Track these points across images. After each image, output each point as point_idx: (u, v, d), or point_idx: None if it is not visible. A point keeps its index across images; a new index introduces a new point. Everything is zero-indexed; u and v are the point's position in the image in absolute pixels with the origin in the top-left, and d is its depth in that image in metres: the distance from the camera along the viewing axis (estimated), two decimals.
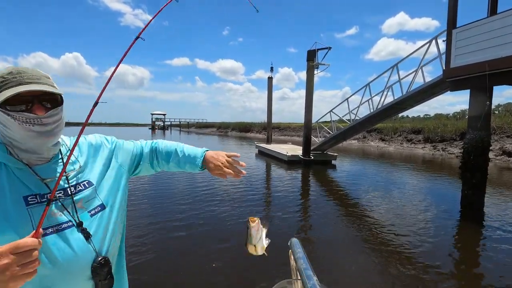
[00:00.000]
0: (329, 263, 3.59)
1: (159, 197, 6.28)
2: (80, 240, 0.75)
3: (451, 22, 5.85)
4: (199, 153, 1.04)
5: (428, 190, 7.72)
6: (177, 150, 1.06)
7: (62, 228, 0.73)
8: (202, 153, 1.04)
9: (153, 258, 3.45)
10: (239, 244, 3.96)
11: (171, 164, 1.07)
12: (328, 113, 12.67)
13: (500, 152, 13.85)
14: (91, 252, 0.77)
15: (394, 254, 3.77)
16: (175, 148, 1.07)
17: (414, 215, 5.44)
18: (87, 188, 0.82)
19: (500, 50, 4.94)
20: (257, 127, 40.43)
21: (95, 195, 0.83)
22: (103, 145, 0.93)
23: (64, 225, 0.73)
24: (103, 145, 0.93)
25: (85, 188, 0.81)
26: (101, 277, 0.77)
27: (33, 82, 0.70)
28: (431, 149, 17.46)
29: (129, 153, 1.00)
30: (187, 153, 1.05)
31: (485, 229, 4.76)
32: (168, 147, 1.08)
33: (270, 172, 10.60)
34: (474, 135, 5.47)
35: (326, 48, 11.53)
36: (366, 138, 23.49)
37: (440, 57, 7.13)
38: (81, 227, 0.76)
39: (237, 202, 6.02)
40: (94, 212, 0.81)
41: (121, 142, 1.00)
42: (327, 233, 4.61)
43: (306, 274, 1.02)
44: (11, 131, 0.69)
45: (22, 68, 0.71)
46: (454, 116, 28.44)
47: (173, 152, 1.06)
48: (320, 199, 6.79)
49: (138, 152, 1.04)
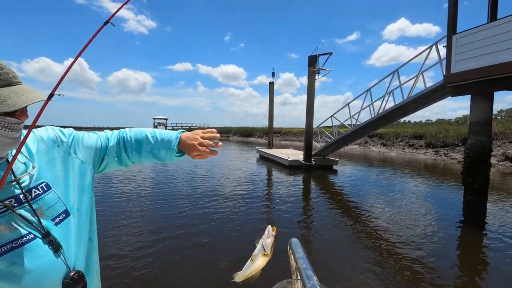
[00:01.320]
0: (329, 263, 3.57)
1: (156, 201, 6.28)
2: (47, 254, 0.65)
3: (451, 28, 5.90)
4: (173, 136, 0.89)
5: (430, 195, 7.68)
6: (148, 136, 0.90)
7: (22, 243, 0.61)
8: (178, 135, 0.89)
9: (150, 265, 3.45)
10: (239, 245, 3.96)
11: (143, 153, 0.90)
12: (329, 118, 12.70)
13: (503, 157, 13.77)
14: (62, 266, 0.67)
15: (394, 257, 3.74)
16: (145, 134, 0.90)
17: (415, 220, 5.40)
18: (45, 192, 0.69)
19: (501, 56, 4.97)
20: (259, 132, 40.49)
21: (57, 199, 0.71)
22: (58, 140, 0.78)
23: (24, 238, 0.62)
24: (58, 139, 0.79)
25: (43, 192, 0.69)
26: None
27: (18, 83, 0.63)
28: (433, 155, 17.39)
29: (92, 147, 0.85)
30: (160, 138, 0.89)
31: (487, 234, 4.72)
32: (137, 134, 0.91)
33: (271, 177, 10.58)
34: (475, 140, 5.46)
35: (327, 54, 11.61)
36: (367, 143, 23.44)
37: (441, 63, 7.17)
38: (48, 238, 0.65)
39: (238, 207, 6.02)
40: (59, 220, 0.70)
41: (81, 134, 0.86)
42: (328, 234, 4.59)
43: (306, 274, 1.02)
44: None
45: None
46: (456, 122, 28.37)
47: (144, 139, 0.90)
48: (321, 203, 6.76)
49: (103, 145, 0.88)
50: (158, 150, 0.89)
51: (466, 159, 5.63)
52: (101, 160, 0.88)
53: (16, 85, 0.62)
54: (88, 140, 0.85)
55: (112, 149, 0.89)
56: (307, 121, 12.12)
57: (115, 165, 0.92)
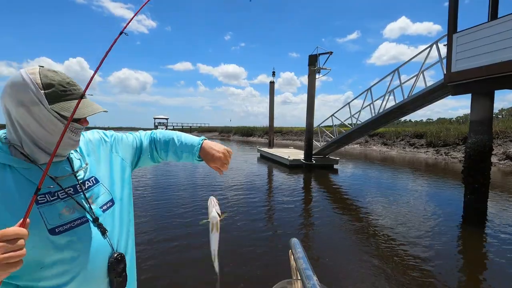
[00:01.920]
0: (329, 263, 3.58)
1: (157, 201, 6.29)
2: (97, 236, 0.76)
3: (451, 27, 5.89)
4: (196, 141, 1.02)
5: (430, 194, 7.67)
6: (174, 139, 1.04)
7: (76, 225, 0.73)
8: (200, 142, 1.02)
9: (154, 265, 3.46)
10: (239, 246, 3.97)
11: (169, 153, 1.05)
12: (329, 117, 12.69)
13: (504, 156, 13.75)
14: (108, 247, 0.78)
15: (394, 257, 3.75)
16: (172, 137, 1.05)
17: (416, 219, 5.40)
18: (95, 184, 0.82)
19: (501, 55, 4.96)
20: (259, 132, 40.48)
21: (104, 190, 0.84)
22: (102, 141, 0.93)
23: (78, 221, 0.74)
24: (102, 140, 0.93)
25: (93, 184, 0.82)
26: (117, 274, 0.77)
27: (84, 96, 0.74)
28: (433, 154, 17.36)
29: (129, 146, 1.00)
30: (184, 142, 1.03)
31: (488, 233, 4.72)
32: (166, 136, 1.06)
33: (272, 176, 10.59)
34: (476, 139, 5.45)
35: (327, 53, 11.59)
36: (368, 142, 23.42)
37: (441, 62, 7.16)
38: (97, 222, 0.77)
39: (238, 206, 6.02)
40: (106, 207, 0.82)
41: (120, 135, 1.00)
42: (328, 234, 4.60)
43: (306, 274, 1.02)
44: (50, 136, 0.71)
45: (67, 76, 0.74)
46: (457, 121, 28.27)
47: (170, 141, 1.05)
48: (321, 203, 6.77)
49: (138, 144, 1.03)
50: (181, 152, 1.03)
51: (467, 158, 5.62)
52: (137, 158, 1.03)
53: (84, 98, 0.73)
54: (126, 141, 1.00)
55: (146, 148, 1.04)
56: (308, 120, 12.11)
57: (148, 161, 1.07)
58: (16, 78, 0.69)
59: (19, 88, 0.68)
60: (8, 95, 0.69)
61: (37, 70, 0.70)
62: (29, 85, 0.68)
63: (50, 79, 0.70)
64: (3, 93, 0.70)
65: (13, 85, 0.68)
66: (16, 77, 0.69)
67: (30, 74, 0.69)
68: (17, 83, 0.68)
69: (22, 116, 0.69)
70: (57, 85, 0.70)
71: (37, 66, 0.72)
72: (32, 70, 0.70)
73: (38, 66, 0.72)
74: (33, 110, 0.68)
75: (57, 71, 0.73)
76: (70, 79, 0.74)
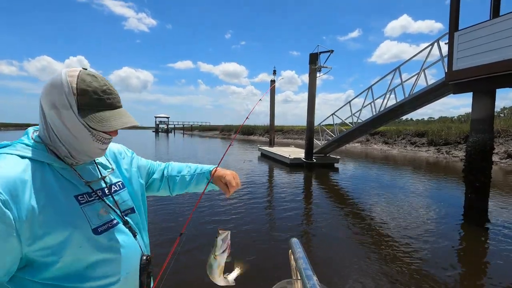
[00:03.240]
0: (329, 263, 3.57)
1: (157, 200, 6.30)
2: (130, 237, 0.79)
3: (453, 25, 5.85)
4: (208, 167, 1.11)
5: (432, 193, 7.66)
6: (187, 165, 1.13)
7: (113, 225, 0.76)
8: (212, 167, 1.10)
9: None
10: (239, 245, 3.97)
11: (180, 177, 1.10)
12: (330, 116, 12.67)
13: (505, 155, 13.70)
14: (138, 249, 0.81)
15: (395, 256, 3.74)
16: (185, 164, 1.14)
17: (417, 218, 5.40)
18: (121, 189, 0.86)
19: (503, 53, 4.93)
20: (260, 130, 40.44)
21: (128, 196, 0.87)
22: (124, 153, 0.97)
23: (114, 221, 0.76)
24: (124, 153, 0.98)
25: (120, 189, 0.85)
26: (146, 275, 0.80)
27: (120, 106, 0.74)
28: (435, 152, 17.32)
29: (144, 167, 1.04)
30: (196, 165, 1.12)
31: (489, 233, 4.71)
32: (178, 165, 1.14)
33: (272, 175, 10.59)
34: (477, 138, 5.43)
35: (328, 51, 11.55)
36: (369, 141, 23.38)
37: (443, 60, 7.12)
38: (127, 225, 0.80)
39: (238, 206, 6.03)
40: (130, 212, 0.85)
41: (136, 156, 1.06)
42: (328, 234, 4.59)
43: (306, 274, 1.02)
44: (76, 141, 0.70)
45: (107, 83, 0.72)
46: (459, 119, 28.20)
47: (183, 166, 1.12)
48: (322, 202, 6.77)
49: (152, 169, 1.09)
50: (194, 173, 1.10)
51: (468, 157, 5.61)
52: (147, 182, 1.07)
53: (117, 108, 0.73)
54: (143, 160, 1.06)
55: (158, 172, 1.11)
56: (308, 119, 12.09)
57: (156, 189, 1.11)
58: (55, 78, 0.68)
59: (54, 88, 0.67)
60: (44, 94, 0.69)
61: (77, 73, 0.69)
62: (64, 87, 0.67)
63: (87, 84, 0.68)
64: (42, 90, 0.69)
65: (51, 84, 0.68)
66: (56, 77, 0.69)
67: (69, 76, 0.68)
68: (55, 83, 0.68)
69: (52, 118, 0.68)
70: (91, 92, 0.68)
71: (80, 68, 0.71)
72: (72, 73, 0.69)
73: (80, 68, 0.71)
74: (63, 113, 0.67)
75: (97, 75, 0.71)
76: (108, 86, 0.72)
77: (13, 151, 0.66)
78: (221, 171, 1.06)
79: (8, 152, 0.66)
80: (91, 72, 0.71)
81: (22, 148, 0.68)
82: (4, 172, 0.60)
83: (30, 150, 0.67)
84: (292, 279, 1.12)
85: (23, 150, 0.67)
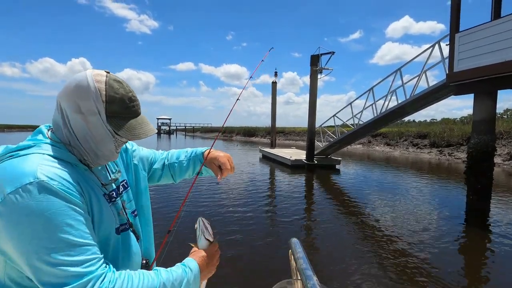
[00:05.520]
0: (329, 263, 3.57)
1: (157, 201, 6.32)
2: (134, 240, 0.79)
3: (454, 26, 5.86)
4: (202, 148, 1.09)
5: (433, 195, 7.63)
6: (185, 150, 1.11)
7: (128, 227, 0.77)
8: (205, 149, 1.08)
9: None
10: (239, 245, 3.97)
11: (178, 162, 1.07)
12: (331, 118, 12.66)
13: (508, 157, 13.62)
14: (139, 252, 0.81)
15: (395, 257, 3.73)
16: (184, 150, 1.12)
17: (418, 220, 5.38)
18: (126, 188, 0.84)
19: (504, 54, 4.92)
20: (262, 132, 40.43)
21: (131, 197, 0.86)
22: (125, 147, 0.94)
23: (127, 223, 0.78)
24: (125, 146, 0.94)
25: (124, 189, 0.84)
26: None
27: (140, 112, 0.74)
28: (437, 154, 17.24)
29: (145, 158, 1.02)
30: (192, 149, 1.10)
31: (490, 234, 4.68)
32: (177, 151, 1.13)
33: (273, 176, 10.59)
34: (478, 139, 5.42)
35: (329, 53, 11.56)
36: (371, 142, 23.32)
37: (444, 61, 7.12)
38: (132, 227, 0.80)
39: (239, 206, 6.03)
40: (135, 214, 0.85)
41: (137, 146, 1.02)
42: (328, 234, 4.59)
43: (306, 274, 1.02)
44: (98, 146, 0.69)
45: (131, 89, 0.71)
46: (462, 121, 28.04)
47: (181, 151, 1.10)
48: (322, 203, 6.76)
49: (154, 158, 1.06)
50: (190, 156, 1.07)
51: (469, 159, 5.59)
52: (149, 171, 1.04)
53: (139, 115, 0.73)
54: (143, 152, 1.03)
55: (159, 161, 1.07)
56: (310, 120, 12.10)
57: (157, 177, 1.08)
58: (81, 82, 0.65)
59: (81, 93, 0.65)
60: (67, 96, 0.66)
61: (104, 78, 0.67)
62: (91, 93, 0.65)
63: (115, 91, 0.67)
64: (64, 92, 0.66)
65: (76, 88, 0.65)
66: (81, 81, 0.66)
67: (96, 82, 0.65)
68: (81, 87, 0.65)
69: (77, 121, 0.66)
70: (119, 100, 0.67)
71: (104, 72, 0.69)
72: (99, 78, 0.66)
73: (105, 72, 0.69)
74: (89, 119, 0.66)
75: (123, 81, 0.70)
76: (132, 93, 0.71)
77: (42, 151, 0.63)
78: (215, 153, 1.01)
79: (39, 152, 0.62)
80: (117, 77, 0.70)
81: (49, 148, 0.64)
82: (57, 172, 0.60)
83: (57, 150, 0.65)
84: (292, 279, 1.13)
85: (51, 150, 0.64)
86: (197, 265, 0.74)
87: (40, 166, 0.58)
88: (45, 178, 0.57)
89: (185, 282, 0.68)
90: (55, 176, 0.58)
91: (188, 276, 0.69)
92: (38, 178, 0.56)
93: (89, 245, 0.58)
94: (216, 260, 0.80)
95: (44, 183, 0.56)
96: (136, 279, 0.61)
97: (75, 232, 0.57)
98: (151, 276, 0.64)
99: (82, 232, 0.58)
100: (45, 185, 0.56)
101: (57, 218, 0.55)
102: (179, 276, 0.67)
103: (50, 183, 0.57)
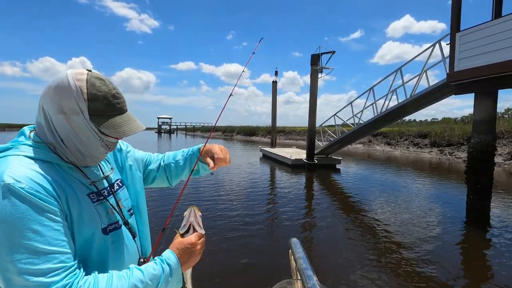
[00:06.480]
0: (329, 263, 3.58)
1: (156, 200, 6.32)
2: (130, 239, 0.78)
3: (454, 26, 5.84)
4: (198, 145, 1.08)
5: (434, 194, 7.62)
6: (182, 150, 1.10)
7: (119, 226, 0.75)
8: (201, 145, 1.06)
9: None
10: (239, 245, 3.97)
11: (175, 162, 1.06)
12: (332, 117, 12.65)
13: (509, 156, 13.60)
14: (136, 251, 0.79)
15: (396, 257, 3.73)
16: (180, 150, 1.11)
17: (418, 221, 5.37)
18: (121, 187, 0.83)
19: (504, 54, 4.91)
20: (262, 131, 40.41)
21: (127, 196, 0.85)
22: (119, 147, 0.93)
23: (118, 222, 0.75)
24: (119, 146, 0.93)
25: (119, 188, 0.83)
26: None
27: (127, 109, 0.72)
28: (438, 154, 17.22)
29: (140, 159, 1.01)
30: (188, 148, 1.08)
31: (490, 234, 4.68)
32: (173, 152, 1.11)
33: (274, 175, 10.59)
34: (479, 139, 5.41)
35: (330, 52, 11.55)
36: (371, 142, 23.30)
37: (444, 61, 7.10)
38: (127, 226, 0.78)
39: (239, 206, 6.04)
40: (131, 212, 0.84)
41: (132, 148, 1.02)
42: (328, 234, 4.59)
43: (306, 274, 1.02)
44: (83, 145, 0.68)
45: (114, 86, 0.70)
46: (462, 120, 27.98)
47: (178, 152, 1.09)
48: (322, 202, 6.76)
49: (149, 160, 1.05)
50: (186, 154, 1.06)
51: (470, 158, 5.58)
52: (145, 170, 1.03)
53: (125, 112, 0.72)
54: (139, 153, 1.02)
55: (154, 162, 1.05)
56: (310, 120, 12.09)
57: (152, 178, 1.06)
58: (61, 82, 0.64)
59: (62, 93, 0.64)
60: (49, 97, 0.65)
61: (85, 76, 0.65)
62: (73, 92, 0.64)
63: (97, 89, 0.65)
64: (45, 93, 0.65)
65: (57, 88, 0.64)
66: (62, 81, 0.64)
67: (77, 80, 0.64)
68: (62, 87, 0.64)
69: (60, 122, 0.65)
70: (102, 98, 0.66)
71: (85, 70, 0.67)
72: (79, 76, 0.65)
73: (86, 71, 0.67)
74: (72, 118, 0.65)
75: (105, 79, 0.69)
76: (116, 90, 0.69)
77: (19, 153, 0.62)
78: (209, 146, 1.00)
79: (15, 154, 0.61)
80: (99, 75, 0.68)
81: (27, 149, 0.63)
82: (28, 173, 0.58)
83: (36, 151, 0.64)
84: (292, 279, 1.13)
85: (29, 151, 0.63)
86: (176, 259, 0.70)
87: (9, 169, 0.57)
88: (12, 181, 0.55)
89: (163, 278, 0.66)
90: (24, 178, 0.56)
91: (165, 272, 0.67)
92: (4, 181, 0.54)
93: (56, 252, 0.55)
94: (199, 250, 0.76)
95: (10, 186, 0.54)
96: (103, 282, 0.59)
97: (40, 238, 0.54)
98: (123, 277, 0.62)
99: (49, 239, 0.55)
100: (11, 188, 0.54)
101: (20, 224, 0.53)
102: (154, 274, 0.65)
103: (16, 186, 0.55)
